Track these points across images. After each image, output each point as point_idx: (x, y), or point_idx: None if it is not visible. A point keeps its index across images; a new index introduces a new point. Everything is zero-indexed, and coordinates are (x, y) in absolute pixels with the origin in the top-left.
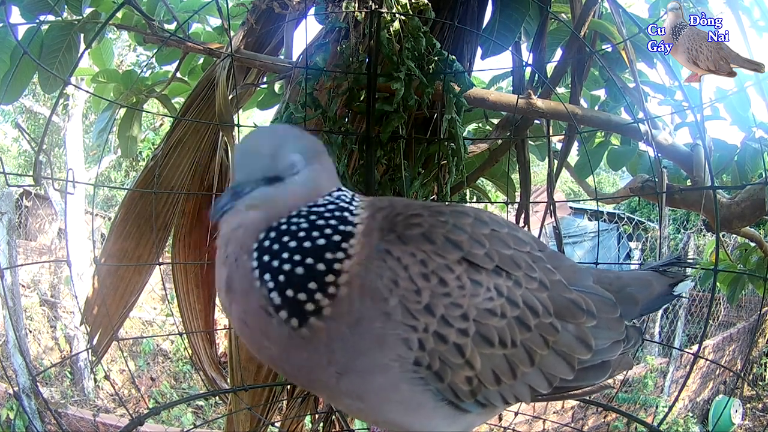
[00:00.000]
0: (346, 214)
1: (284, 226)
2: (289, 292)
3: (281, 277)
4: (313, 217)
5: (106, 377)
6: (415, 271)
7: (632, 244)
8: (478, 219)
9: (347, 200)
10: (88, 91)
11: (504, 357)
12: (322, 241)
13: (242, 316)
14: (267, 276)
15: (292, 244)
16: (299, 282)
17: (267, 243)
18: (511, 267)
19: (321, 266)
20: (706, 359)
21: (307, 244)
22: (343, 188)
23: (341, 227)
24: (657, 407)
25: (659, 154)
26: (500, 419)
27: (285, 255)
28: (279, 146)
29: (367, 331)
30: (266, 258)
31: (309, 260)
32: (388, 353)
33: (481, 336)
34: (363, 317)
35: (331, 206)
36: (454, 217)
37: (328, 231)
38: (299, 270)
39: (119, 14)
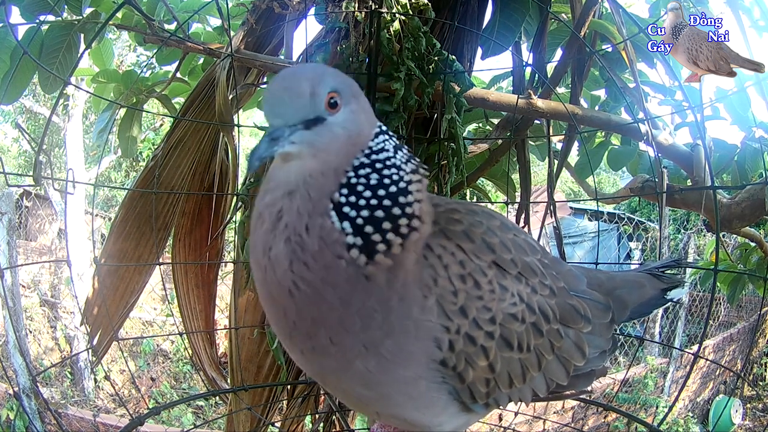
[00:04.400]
0: (402, 156)
1: (354, 180)
2: (368, 229)
3: (359, 221)
4: (379, 166)
5: (106, 377)
6: (454, 271)
7: (632, 245)
8: (503, 223)
9: (395, 144)
10: (88, 91)
11: (519, 361)
12: (393, 188)
13: (300, 276)
14: (346, 224)
15: (367, 193)
16: (375, 222)
17: (343, 199)
18: (529, 274)
19: (396, 210)
20: (707, 359)
21: (381, 191)
22: (383, 126)
23: (405, 175)
24: (657, 407)
25: (659, 154)
26: (500, 419)
27: (362, 202)
28: (317, 83)
29: (406, 311)
30: (346, 210)
31: (387, 202)
32: (418, 345)
33: (504, 339)
34: (406, 296)
35: (390, 152)
36: (486, 218)
37: (396, 178)
38: (379, 213)
39: (119, 14)
